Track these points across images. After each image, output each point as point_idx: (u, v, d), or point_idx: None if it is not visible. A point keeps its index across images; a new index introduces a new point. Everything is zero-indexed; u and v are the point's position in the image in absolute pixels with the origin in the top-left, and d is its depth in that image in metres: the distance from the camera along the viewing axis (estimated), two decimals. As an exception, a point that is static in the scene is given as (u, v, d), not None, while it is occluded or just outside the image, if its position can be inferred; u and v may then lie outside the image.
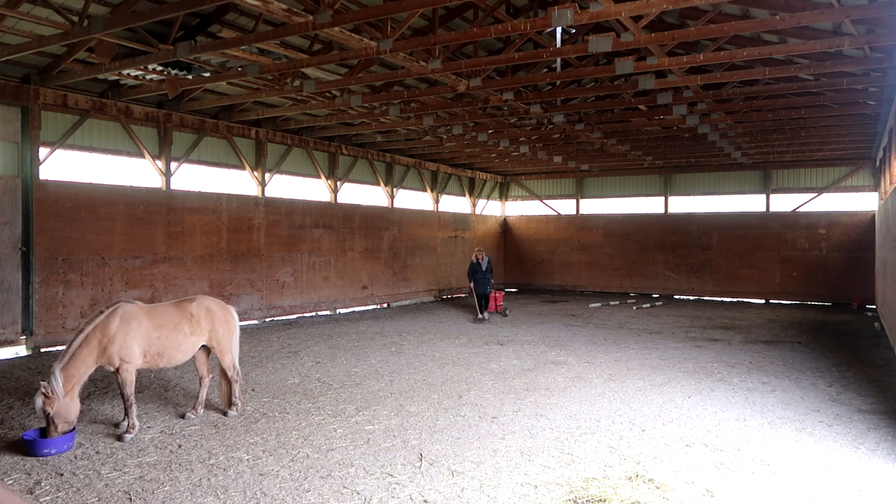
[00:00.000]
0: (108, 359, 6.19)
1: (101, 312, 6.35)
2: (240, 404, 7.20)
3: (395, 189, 20.07)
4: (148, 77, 11.28)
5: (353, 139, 17.90)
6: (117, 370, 6.27)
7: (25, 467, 5.52)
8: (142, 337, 6.38)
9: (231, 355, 7.14)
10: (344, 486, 5.14)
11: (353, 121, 15.00)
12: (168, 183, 13.32)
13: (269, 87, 11.91)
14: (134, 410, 6.36)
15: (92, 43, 9.80)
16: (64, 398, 5.93)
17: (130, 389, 6.31)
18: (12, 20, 9.25)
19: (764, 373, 9.54)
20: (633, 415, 7.27)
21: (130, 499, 4.90)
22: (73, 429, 6.12)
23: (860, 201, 20.07)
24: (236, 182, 15.19)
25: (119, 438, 6.23)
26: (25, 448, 5.87)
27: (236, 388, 7.16)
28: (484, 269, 16.03)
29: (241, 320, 14.39)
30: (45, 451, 5.83)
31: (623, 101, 12.87)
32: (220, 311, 7.10)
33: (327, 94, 12.79)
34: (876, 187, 18.93)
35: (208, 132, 14.19)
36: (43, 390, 5.85)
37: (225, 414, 7.11)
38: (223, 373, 7.18)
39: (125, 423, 6.42)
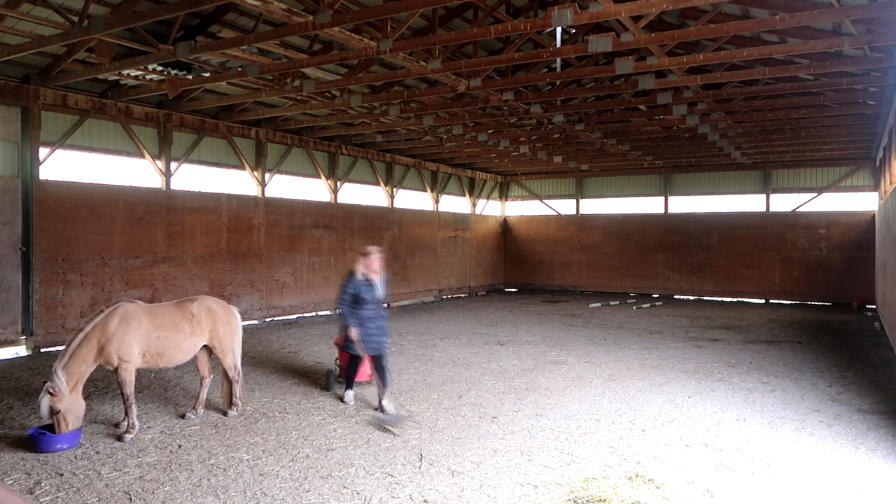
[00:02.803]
0: (106, 358, 6.20)
1: (101, 311, 6.35)
2: (240, 405, 7.20)
3: (395, 189, 20.07)
4: (148, 77, 11.27)
5: (353, 139, 17.90)
6: (116, 369, 6.27)
7: (25, 467, 5.52)
8: (141, 336, 6.37)
9: (232, 356, 7.13)
10: (344, 486, 5.14)
11: (353, 121, 15.00)
12: (168, 183, 13.32)
13: (269, 87, 11.91)
14: (134, 410, 6.36)
15: (92, 43, 9.80)
16: (70, 394, 5.94)
17: (130, 389, 6.30)
18: (12, 20, 9.25)
19: (764, 373, 9.54)
20: (633, 415, 7.27)
21: (130, 499, 4.90)
22: (80, 425, 6.14)
23: (860, 201, 20.07)
24: (236, 182, 15.19)
25: (119, 438, 6.22)
26: (35, 445, 5.86)
27: (237, 389, 7.16)
28: (379, 294, 7.58)
29: (241, 320, 14.48)
30: (59, 446, 5.88)
31: (623, 101, 12.87)
32: (221, 311, 7.09)
33: (327, 94, 12.79)
34: (876, 187, 18.93)
35: (208, 132, 14.19)
36: (49, 390, 5.85)
37: (225, 414, 7.10)
38: (224, 373, 7.18)
39: (125, 423, 6.41)
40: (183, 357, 6.77)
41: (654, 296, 22.30)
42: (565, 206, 24.81)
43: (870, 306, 19.04)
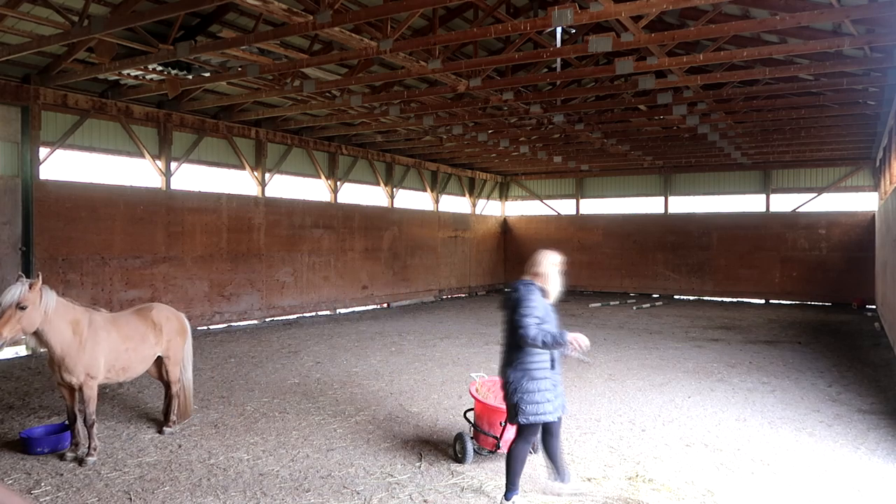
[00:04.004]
0: (69, 370, 5.60)
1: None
2: (176, 421, 6.65)
3: (395, 189, 20.07)
4: (148, 77, 11.27)
5: (353, 139, 17.90)
6: (80, 387, 5.66)
7: (25, 467, 5.52)
8: (109, 350, 5.84)
9: (180, 368, 6.66)
10: (344, 486, 5.14)
11: (353, 121, 14.99)
12: (168, 183, 13.32)
13: (269, 87, 11.90)
14: (95, 429, 5.77)
15: (92, 43, 9.80)
16: (38, 310, 5.31)
17: (94, 406, 5.74)
18: (12, 20, 9.25)
19: (764, 373, 9.54)
20: (633, 415, 7.27)
21: (130, 499, 4.90)
22: (68, 428, 6.00)
23: (860, 201, 20.07)
24: (236, 182, 15.19)
25: (80, 462, 5.57)
26: (26, 446, 5.83)
27: (175, 404, 6.61)
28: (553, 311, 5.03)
29: (240, 320, 14.53)
30: (46, 448, 5.83)
31: (623, 101, 12.86)
32: (175, 320, 6.68)
33: (327, 94, 12.78)
34: (876, 187, 18.93)
35: (208, 132, 14.18)
36: (32, 282, 5.28)
37: (160, 431, 6.49)
38: (167, 386, 6.62)
39: (85, 446, 5.78)
40: (143, 369, 6.34)
41: (654, 296, 22.29)
42: (565, 206, 24.80)
43: (870, 306, 19.03)
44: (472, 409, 6.04)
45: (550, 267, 5.03)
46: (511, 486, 4.72)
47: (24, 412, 7.23)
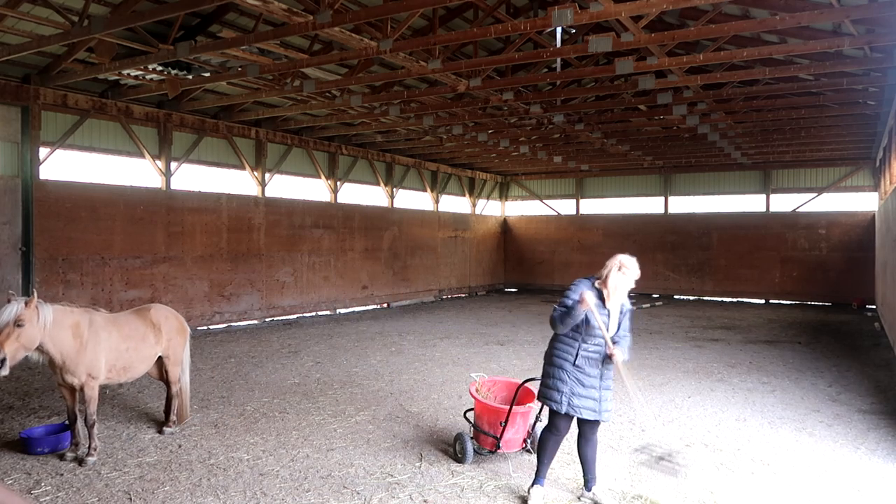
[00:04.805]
0: (71, 371, 5.63)
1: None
2: (177, 421, 6.66)
3: (395, 189, 20.07)
4: (148, 77, 11.27)
5: (353, 139, 17.90)
6: (81, 387, 5.67)
7: (25, 467, 5.52)
8: (110, 349, 5.84)
9: (179, 368, 6.67)
10: (344, 486, 5.14)
11: (353, 121, 15.00)
12: (168, 183, 13.32)
13: (269, 87, 11.91)
14: (96, 429, 5.79)
15: (92, 43, 9.80)
16: (36, 326, 5.26)
17: (94, 407, 5.77)
18: (12, 20, 9.25)
19: (764, 373, 9.54)
20: (632, 415, 7.27)
21: (130, 499, 4.90)
22: (68, 428, 6.00)
23: (860, 201, 20.08)
24: (236, 182, 15.19)
25: (80, 462, 5.60)
26: (27, 446, 5.83)
27: (175, 404, 6.61)
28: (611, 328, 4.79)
29: (240, 320, 14.53)
30: (47, 448, 5.82)
31: (623, 101, 12.86)
32: (174, 320, 6.68)
33: (327, 94, 12.78)
34: (876, 187, 18.93)
35: (208, 132, 14.19)
36: (30, 299, 5.22)
37: (160, 431, 6.51)
38: (168, 386, 6.63)
39: (85, 446, 5.80)
40: (145, 369, 6.36)
41: (654, 296, 22.29)
42: (565, 206, 24.80)
43: (870, 306, 19.03)
44: (472, 409, 6.02)
45: (613, 270, 4.73)
46: (537, 474, 4.93)
47: (24, 412, 7.23)
